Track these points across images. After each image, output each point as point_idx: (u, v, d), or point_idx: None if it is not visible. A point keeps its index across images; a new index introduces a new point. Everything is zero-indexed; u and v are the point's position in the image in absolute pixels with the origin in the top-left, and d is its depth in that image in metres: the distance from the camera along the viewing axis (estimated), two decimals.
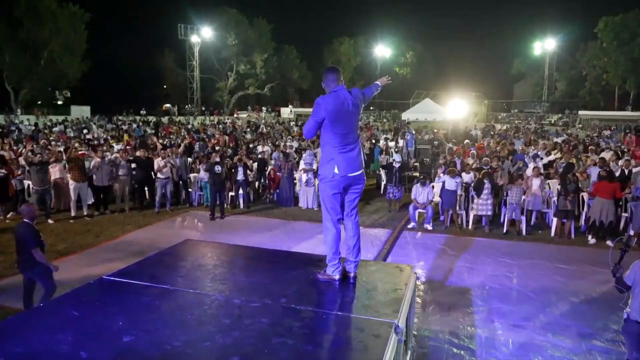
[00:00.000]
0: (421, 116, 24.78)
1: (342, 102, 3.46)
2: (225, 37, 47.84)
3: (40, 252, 5.34)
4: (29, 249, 5.27)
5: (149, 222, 10.22)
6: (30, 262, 5.34)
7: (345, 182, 3.54)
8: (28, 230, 5.36)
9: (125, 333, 2.67)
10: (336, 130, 3.44)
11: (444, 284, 7.04)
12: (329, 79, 3.54)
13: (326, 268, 3.66)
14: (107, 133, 20.87)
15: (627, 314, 4.06)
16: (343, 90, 3.51)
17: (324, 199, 3.62)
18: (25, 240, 5.29)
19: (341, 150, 3.48)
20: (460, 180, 9.95)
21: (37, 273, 5.40)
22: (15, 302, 6.06)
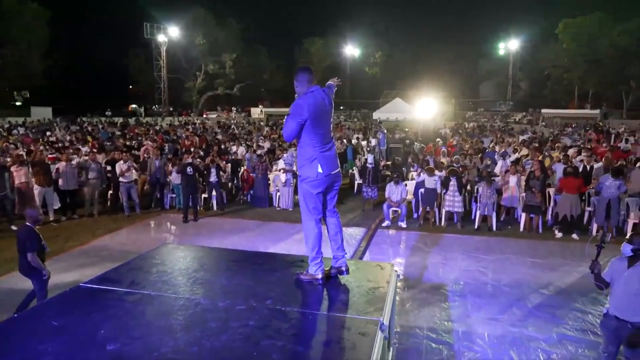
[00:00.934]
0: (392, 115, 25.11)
1: (320, 102, 3.49)
2: (193, 36, 47.13)
3: (37, 256, 5.38)
4: (23, 251, 5.34)
5: (119, 227, 9.96)
6: (30, 266, 5.40)
7: (328, 180, 3.59)
8: (29, 234, 5.42)
9: (110, 341, 2.61)
10: (317, 131, 3.47)
11: (421, 280, 7.16)
12: (304, 79, 3.52)
13: (308, 268, 3.68)
14: (71, 135, 20.19)
15: (607, 309, 4.16)
16: (319, 90, 3.53)
17: (307, 199, 3.63)
18: (25, 243, 5.35)
19: (322, 150, 3.51)
20: (438, 177, 10.13)
21: (35, 277, 5.45)
22: None
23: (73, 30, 45.30)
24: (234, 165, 13.14)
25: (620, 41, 41.46)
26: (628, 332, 3.91)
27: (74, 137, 18.91)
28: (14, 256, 7.88)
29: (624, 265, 3.99)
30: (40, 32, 37.88)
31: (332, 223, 3.80)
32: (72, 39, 43.75)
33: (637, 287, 3.85)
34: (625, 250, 3.95)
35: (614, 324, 4.02)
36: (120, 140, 16.18)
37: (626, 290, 3.92)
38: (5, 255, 7.98)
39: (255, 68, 53.55)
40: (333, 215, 3.81)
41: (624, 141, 17.69)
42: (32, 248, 5.35)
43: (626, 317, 3.92)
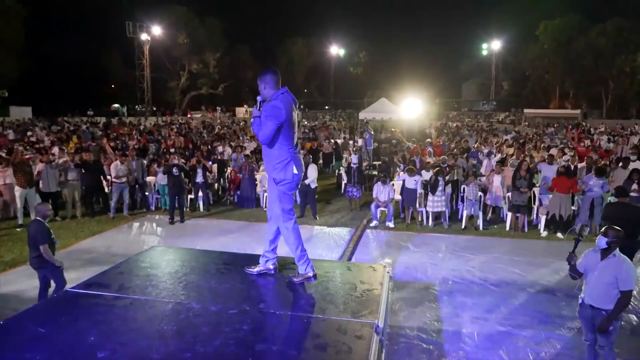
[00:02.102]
0: (377, 115, 25.15)
1: (292, 104, 3.51)
2: (175, 35, 46.59)
3: (49, 249, 5.60)
4: (37, 246, 5.53)
5: (103, 229, 9.78)
6: (42, 259, 5.60)
7: (299, 182, 3.66)
8: (39, 228, 5.61)
9: (99, 348, 2.54)
10: (290, 133, 3.50)
11: (409, 280, 7.18)
12: (273, 81, 3.51)
13: (298, 269, 3.67)
14: (52, 135, 19.79)
15: (582, 299, 4.34)
16: (288, 92, 3.53)
17: (282, 201, 3.64)
18: (35, 237, 5.54)
19: (294, 151, 3.56)
20: (419, 178, 10.19)
21: (49, 270, 5.67)
22: None
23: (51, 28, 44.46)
24: (220, 165, 13.02)
25: (597, 43, 42.41)
26: (602, 319, 4.10)
27: (54, 137, 18.53)
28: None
29: (597, 257, 4.19)
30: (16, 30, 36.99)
31: (277, 226, 3.87)
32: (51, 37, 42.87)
33: (610, 277, 4.05)
34: (601, 242, 4.12)
35: (590, 313, 4.24)
36: (104, 140, 15.88)
37: (599, 280, 4.12)
38: None
39: (238, 68, 53.22)
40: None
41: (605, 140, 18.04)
42: (43, 241, 5.56)
43: (600, 305, 4.14)
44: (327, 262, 5.09)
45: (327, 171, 17.13)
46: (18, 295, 6.38)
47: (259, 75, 3.55)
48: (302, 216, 10.73)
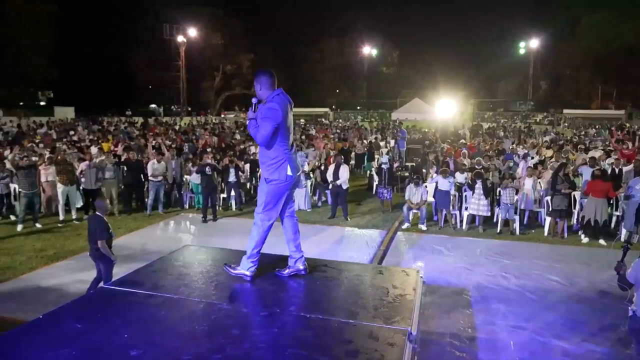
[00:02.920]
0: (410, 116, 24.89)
1: (288, 105, 3.53)
2: (210, 37, 47.47)
3: (106, 243, 5.87)
4: (96, 239, 5.81)
5: (140, 226, 10.02)
6: (100, 252, 5.89)
7: (293, 183, 3.62)
8: (99, 222, 5.91)
9: (131, 347, 2.57)
10: (286, 133, 3.51)
11: (442, 285, 7.02)
12: (268, 82, 3.52)
13: (241, 263, 3.69)
14: (93, 134, 20.50)
15: (633, 311, 4.07)
16: (283, 93, 3.54)
17: (272, 201, 3.62)
18: (95, 231, 5.82)
19: (289, 152, 3.56)
20: (453, 180, 9.96)
21: (103, 262, 5.94)
22: (6, 310, 5.91)
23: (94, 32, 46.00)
24: (252, 165, 13.13)
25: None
26: None
27: (94, 136, 19.19)
28: (38, 254, 8.06)
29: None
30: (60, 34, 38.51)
31: (291, 224, 3.84)
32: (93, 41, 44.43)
33: None
34: None
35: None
36: (141, 140, 16.32)
37: None
38: (28, 252, 8.10)
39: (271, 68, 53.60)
40: (292, 216, 3.87)
41: None
42: (102, 236, 5.83)
43: None
44: (359, 265, 5.03)
45: (359, 172, 17.03)
46: (58, 289, 6.60)
47: (255, 77, 3.57)
48: (333, 217, 10.69)
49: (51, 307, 3.29)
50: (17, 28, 34.87)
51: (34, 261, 7.70)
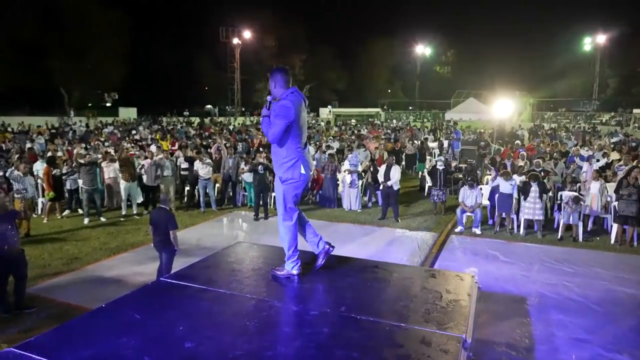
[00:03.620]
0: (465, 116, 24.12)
1: (301, 103, 3.51)
2: (264, 39, 48.40)
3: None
4: (166, 230, 6.10)
5: (194, 222, 10.37)
6: (163, 242, 6.19)
7: (306, 181, 3.65)
8: (168, 214, 6.29)
9: (187, 339, 2.64)
10: (299, 132, 3.51)
11: (497, 291, 6.74)
12: (283, 80, 3.51)
13: (285, 264, 3.73)
14: (153, 134, 21.48)
15: None
16: (298, 91, 3.53)
17: (287, 199, 3.65)
18: (165, 222, 6.14)
19: (302, 151, 3.56)
20: (515, 182, 9.55)
21: (167, 252, 6.23)
22: (72, 298, 6.29)
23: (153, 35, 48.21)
24: None
25: None
26: None
27: (155, 135, 20.09)
28: (102, 247, 8.53)
29: None
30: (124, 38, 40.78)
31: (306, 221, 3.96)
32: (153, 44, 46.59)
33: None
34: None
35: None
36: (197, 139, 16.91)
37: None
38: (93, 244, 8.60)
39: (322, 69, 53.97)
40: (302, 215, 3.95)
41: None
42: (174, 226, 6.19)
43: None
44: (410, 267, 4.93)
45: (410, 173, 16.75)
46: (118, 280, 6.95)
47: (270, 75, 3.56)
48: (383, 218, 10.57)
49: (112, 297, 3.45)
50: (93, 35, 37.40)
51: (98, 253, 8.17)
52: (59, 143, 15.42)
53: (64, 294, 6.45)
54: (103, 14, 38.59)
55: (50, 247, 8.42)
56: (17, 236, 6.00)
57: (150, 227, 6.44)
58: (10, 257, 5.72)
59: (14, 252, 5.82)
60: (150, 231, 6.43)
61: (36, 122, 29.14)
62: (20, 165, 9.24)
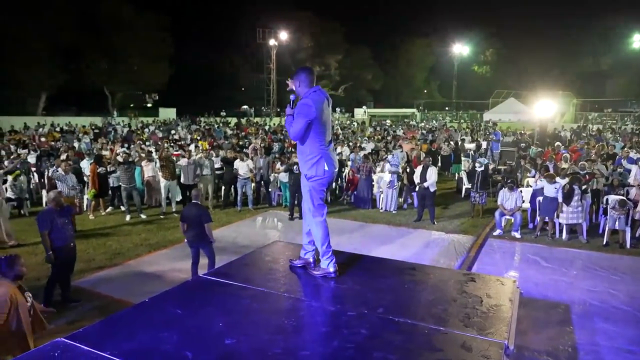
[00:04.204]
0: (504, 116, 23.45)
1: (324, 101, 3.56)
2: (300, 39, 48.72)
3: None
4: (201, 224, 6.36)
5: (231, 220, 10.55)
6: (199, 237, 6.46)
7: (331, 178, 3.68)
8: (202, 209, 6.66)
9: (226, 335, 2.69)
10: (322, 129, 3.56)
11: (538, 297, 6.53)
12: (307, 79, 3.58)
13: (320, 263, 3.73)
14: (192, 134, 22.00)
15: None
16: (320, 90, 3.59)
17: (313, 197, 3.68)
18: (199, 216, 6.39)
19: (326, 148, 3.60)
20: (559, 185, 9.22)
21: (204, 245, 6.53)
22: (115, 291, 6.52)
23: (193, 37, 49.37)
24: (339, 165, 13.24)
25: None
26: None
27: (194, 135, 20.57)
28: (143, 243, 8.80)
29: None
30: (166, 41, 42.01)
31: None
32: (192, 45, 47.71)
33: None
34: None
35: None
36: (234, 139, 17.20)
37: None
38: (135, 240, 8.88)
39: (358, 69, 53.81)
40: None
41: None
42: (208, 219, 6.46)
43: None
44: (449, 271, 4.84)
45: (446, 174, 16.45)
46: (158, 276, 7.16)
47: (295, 74, 3.63)
48: (419, 220, 10.43)
49: (152, 292, 3.55)
50: (137, 37, 38.80)
51: (139, 248, 8.44)
52: (103, 142, 16.04)
53: (107, 287, 6.70)
54: (147, 17, 39.94)
55: (94, 242, 8.76)
56: (73, 231, 6.26)
57: (182, 224, 6.61)
58: (67, 251, 5.97)
59: (72, 247, 6.08)
60: (183, 227, 6.60)
61: (82, 122, 30.48)
62: (62, 164, 9.60)
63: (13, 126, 25.05)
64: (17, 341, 3.91)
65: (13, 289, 3.92)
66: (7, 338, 3.83)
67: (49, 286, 5.84)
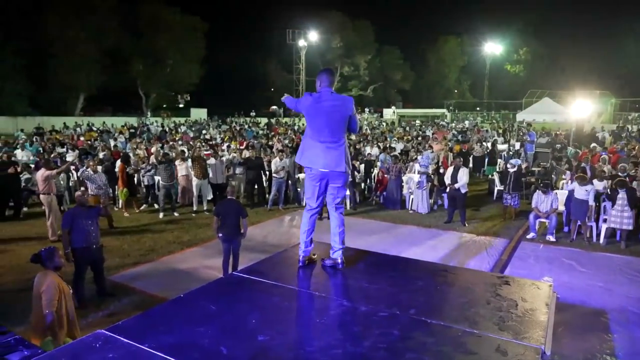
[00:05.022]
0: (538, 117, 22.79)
1: (320, 102, 3.72)
2: (330, 40, 48.78)
3: None
4: (238, 218, 6.63)
5: (260, 219, 10.66)
6: (233, 233, 6.67)
7: (320, 175, 3.82)
8: (239, 204, 6.97)
9: (259, 332, 2.73)
10: (312, 125, 3.79)
11: (574, 303, 6.34)
12: (327, 80, 3.78)
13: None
14: (222, 134, 22.35)
15: None
16: (326, 92, 3.74)
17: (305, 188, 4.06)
18: (236, 211, 6.66)
19: (313, 142, 3.77)
20: (592, 188, 8.93)
21: (236, 241, 6.75)
22: (149, 287, 6.70)
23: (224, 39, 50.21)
24: (367, 165, 13.21)
25: None
26: None
27: (225, 135, 20.90)
28: (175, 240, 9.00)
29: None
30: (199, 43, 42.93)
31: (334, 217, 4.10)
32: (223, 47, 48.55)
33: None
34: None
35: None
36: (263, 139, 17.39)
37: None
38: (168, 238, 9.10)
39: (387, 69, 53.44)
40: (336, 210, 4.08)
41: None
42: (246, 214, 6.76)
43: None
44: (482, 273, 4.77)
45: (478, 176, 16.16)
46: (190, 272, 7.31)
47: (317, 75, 3.86)
48: (449, 222, 10.29)
49: (185, 288, 3.64)
50: (171, 39, 39.93)
51: (171, 246, 8.64)
52: (137, 142, 16.49)
53: (141, 283, 6.90)
54: (181, 19, 40.95)
55: (129, 238, 9.03)
56: (98, 232, 6.29)
57: (216, 220, 6.72)
58: (90, 251, 6.05)
59: (95, 248, 6.15)
60: (217, 222, 6.70)
61: (117, 122, 31.43)
62: (91, 164, 9.84)
63: (54, 126, 26.14)
64: (68, 327, 4.10)
65: (59, 278, 4.11)
66: (60, 324, 4.02)
67: (74, 284, 5.98)
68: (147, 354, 2.44)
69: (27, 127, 26.20)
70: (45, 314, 3.94)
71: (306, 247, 3.95)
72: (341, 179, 3.88)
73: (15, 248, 8.33)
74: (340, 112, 3.73)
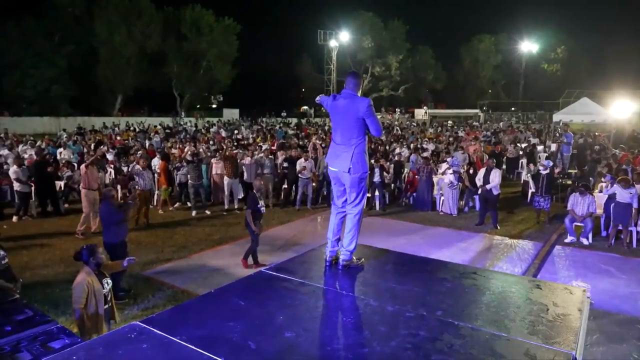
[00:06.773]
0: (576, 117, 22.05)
1: (336, 103, 3.82)
2: (361, 40, 48.65)
3: (250, 214, 7.20)
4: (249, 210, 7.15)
5: (290, 219, 10.77)
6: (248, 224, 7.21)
7: (331, 174, 3.92)
8: (253, 197, 7.42)
9: (287, 329, 2.77)
10: (333, 126, 3.89)
11: (610, 310, 6.14)
12: (352, 83, 3.86)
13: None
14: (254, 133, 22.65)
15: None
16: (345, 93, 3.80)
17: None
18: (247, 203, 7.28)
19: (333, 144, 3.89)
20: (635, 191, 8.60)
21: (250, 231, 7.30)
22: (180, 282, 6.88)
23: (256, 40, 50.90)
24: (396, 166, 13.12)
25: None
26: None
27: (256, 135, 21.18)
28: (207, 238, 9.19)
29: None
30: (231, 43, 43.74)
31: (347, 219, 3.96)
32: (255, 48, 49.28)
33: None
34: None
35: None
36: (294, 139, 17.52)
37: None
38: (199, 235, 9.31)
39: (419, 69, 52.83)
40: (351, 210, 3.90)
41: None
42: (249, 206, 7.25)
43: None
44: (512, 276, 4.68)
45: (511, 178, 15.79)
46: (220, 269, 7.47)
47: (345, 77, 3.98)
48: (481, 224, 10.11)
49: (215, 284, 3.74)
50: (207, 42, 41.05)
51: (203, 243, 8.84)
52: (173, 141, 16.93)
53: (173, 278, 7.09)
54: (217, 22, 41.95)
55: (163, 235, 9.29)
56: (126, 228, 6.53)
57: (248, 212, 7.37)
58: (116, 246, 6.18)
59: (121, 243, 6.33)
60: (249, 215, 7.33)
61: (153, 122, 32.32)
62: (141, 161, 10.30)
63: (94, 126, 27.17)
64: (95, 324, 4.28)
65: (90, 276, 4.29)
66: (87, 321, 4.21)
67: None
68: (178, 346, 2.53)
69: (69, 127, 27.36)
70: (73, 308, 4.18)
71: (332, 246, 3.95)
72: (348, 180, 3.74)
73: (57, 242, 8.71)
74: (351, 112, 3.67)
